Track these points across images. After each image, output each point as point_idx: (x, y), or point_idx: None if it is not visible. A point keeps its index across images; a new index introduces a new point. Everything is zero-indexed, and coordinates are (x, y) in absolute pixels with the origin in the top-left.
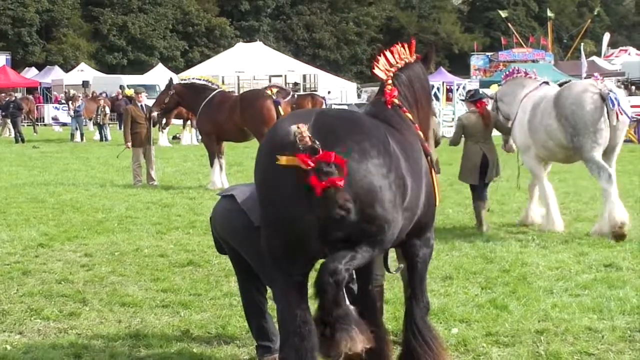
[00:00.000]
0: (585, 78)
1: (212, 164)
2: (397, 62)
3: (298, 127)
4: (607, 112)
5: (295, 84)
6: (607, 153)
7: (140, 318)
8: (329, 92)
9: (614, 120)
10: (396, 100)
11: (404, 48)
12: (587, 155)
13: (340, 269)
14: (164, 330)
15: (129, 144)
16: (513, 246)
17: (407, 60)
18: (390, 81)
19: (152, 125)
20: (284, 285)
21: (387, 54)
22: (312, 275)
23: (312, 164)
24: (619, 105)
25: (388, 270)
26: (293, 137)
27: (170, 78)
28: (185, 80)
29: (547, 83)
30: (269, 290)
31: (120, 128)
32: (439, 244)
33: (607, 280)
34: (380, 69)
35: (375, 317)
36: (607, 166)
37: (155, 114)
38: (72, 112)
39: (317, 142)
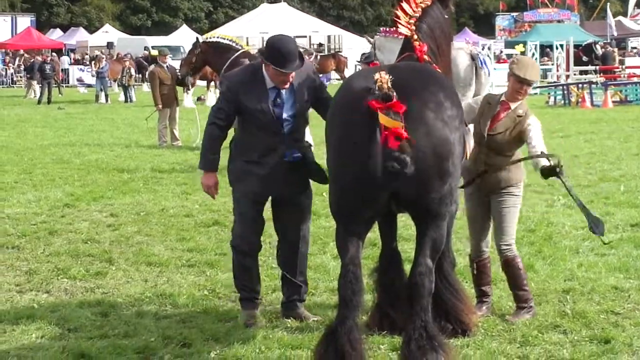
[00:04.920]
0: (611, 38)
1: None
2: (414, 12)
3: (380, 75)
4: (476, 70)
5: (320, 44)
6: None
7: (167, 277)
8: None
9: (481, 77)
10: (426, 57)
11: None
12: None
13: (430, 264)
14: (190, 289)
15: (160, 106)
16: (539, 206)
17: (424, 5)
18: (415, 36)
19: (177, 84)
20: (345, 238)
21: (404, 4)
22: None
23: (380, 109)
24: (485, 64)
25: None
26: (374, 83)
27: (197, 37)
28: (210, 38)
29: None
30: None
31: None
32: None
33: (634, 239)
34: (403, 25)
35: (401, 273)
36: None
37: (189, 78)
38: (94, 73)
39: (394, 92)
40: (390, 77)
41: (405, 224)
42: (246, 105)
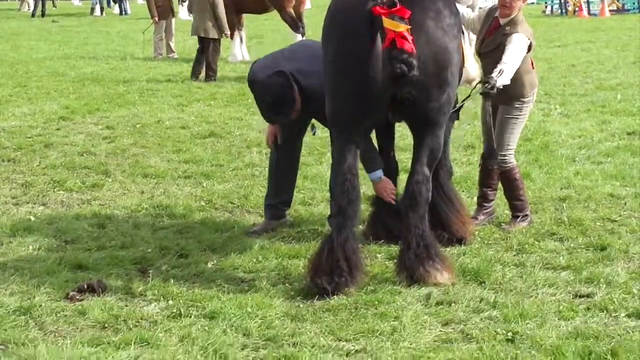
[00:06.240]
0: None
1: (232, 37)
2: None
3: None
4: None
5: None
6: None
7: (163, 189)
8: None
9: None
10: None
11: None
12: None
13: (427, 173)
14: (186, 200)
15: (156, 18)
16: (535, 115)
17: None
18: None
19: None
20: (343, 148)
21: None
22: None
23: (385, 14)
24: None
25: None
26: None
27: None
28: None
29: None
30: None
31: None
32: (461, 113)
33: (630, 147)
34: None
35: (395, 181)
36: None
37: None
38: None
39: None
40: None
41: (402, 134)
42: None
